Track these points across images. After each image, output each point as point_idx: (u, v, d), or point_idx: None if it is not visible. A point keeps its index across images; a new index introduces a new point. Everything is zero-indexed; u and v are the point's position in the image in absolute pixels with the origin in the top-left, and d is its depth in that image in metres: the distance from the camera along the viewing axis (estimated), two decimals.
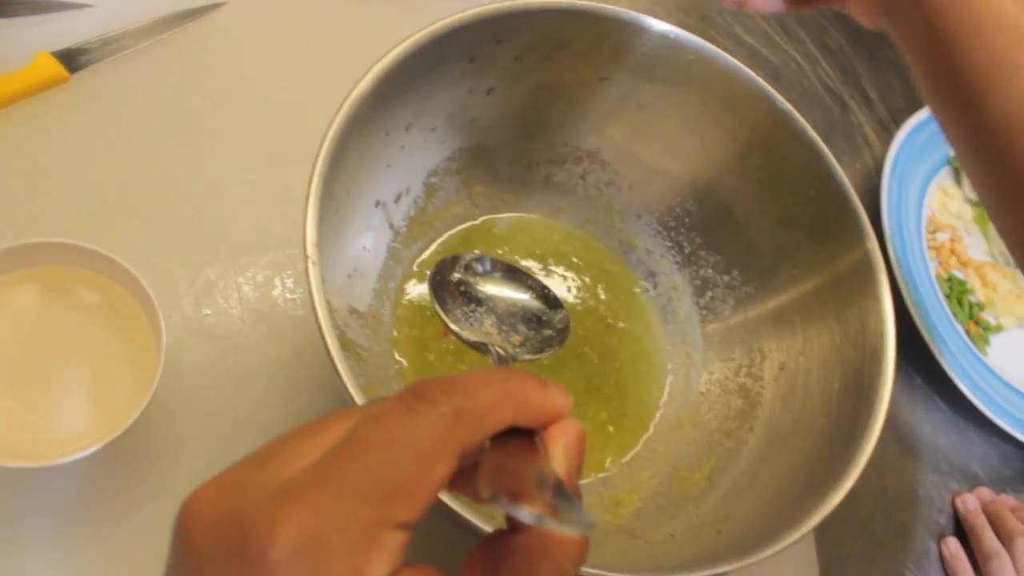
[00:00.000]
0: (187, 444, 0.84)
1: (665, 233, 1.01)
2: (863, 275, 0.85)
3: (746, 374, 0.94)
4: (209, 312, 0.90)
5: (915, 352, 1.21)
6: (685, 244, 1.00)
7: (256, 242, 0.94)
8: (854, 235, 0.86)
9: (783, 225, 0.93)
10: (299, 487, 0.38)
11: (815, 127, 0.89)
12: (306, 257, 0.67)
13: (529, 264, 0.98)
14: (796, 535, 0.70)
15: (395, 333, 0.89)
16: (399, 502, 0.39)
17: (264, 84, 1.05)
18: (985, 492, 1.16)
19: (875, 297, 0.84)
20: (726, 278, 0.98)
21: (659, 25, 0.87)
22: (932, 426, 1.21)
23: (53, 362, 0.78)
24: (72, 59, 0.97)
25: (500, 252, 0.97)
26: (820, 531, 0.97)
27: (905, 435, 1.19)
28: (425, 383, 0.42)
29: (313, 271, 0.66)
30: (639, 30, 0.87)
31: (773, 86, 0.90)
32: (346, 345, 0.77)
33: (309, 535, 0.37)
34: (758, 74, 0.89)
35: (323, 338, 0.64)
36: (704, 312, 0.99)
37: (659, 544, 0.80)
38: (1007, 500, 1.15)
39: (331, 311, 0.71)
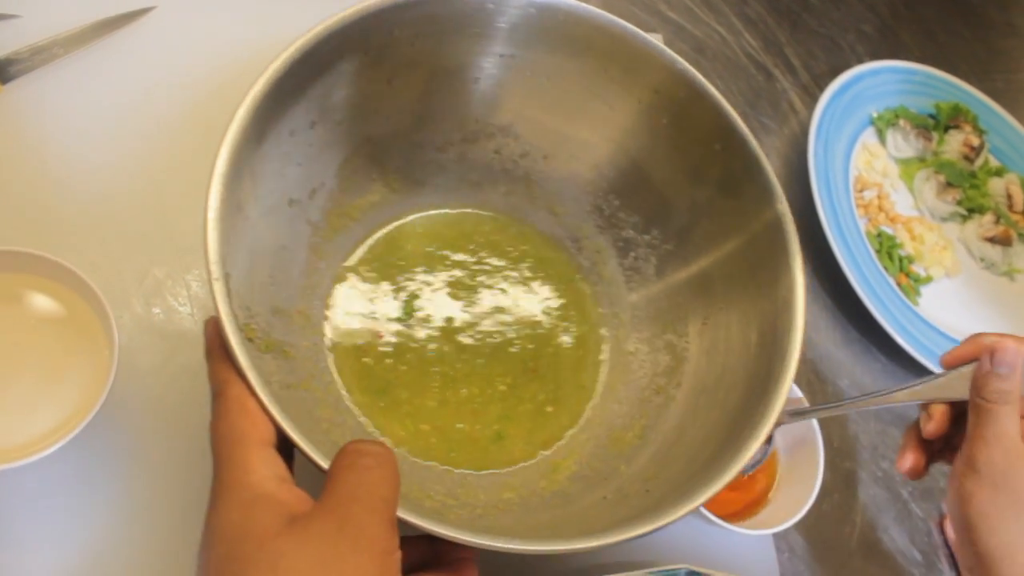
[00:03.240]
0: (146, 439, 0.86)
1: (584, 198, 1.02)
2: (776, 237, 0.87)
3: (672, 330, 0.96)
4: (159, 311, 0.93)
5: (851, 307, 1.25)
6: (604, 207, 1.02)
7: (200, 240, 0.94)
8: (764, 192, 0.88)
9: (694, 181, 0.95)
10: None
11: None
12: (208, 274, 0.67)
13: (462, 258, 0.99)
14: (713, 490, 0.74)
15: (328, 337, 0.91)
16: None
17: (197, 84, 1.05)
18: None
19: (784, 248, 0.86)
20: (646, 237, 1.00)
21: None
22: (872, 377, 1.25)
23: (6, 367, 0.80)
24: (2, 70, 0.98)
25: (430, 249, 0.99)
26: None
27: (845, 388, 1.23)
28: None
29: (218, 287, 0.67)
30: (529, 3, 0.88)
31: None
32: (271, 346, 0.79)
33: None
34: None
35: (232, 354, 0.65)
36: (629, 272, 1.02)
37: (592, 507, 0.83)
38: None
39: (250, 314, 0.73)
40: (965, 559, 0.82)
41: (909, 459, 0.88)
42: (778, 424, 0.93)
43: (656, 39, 1.32)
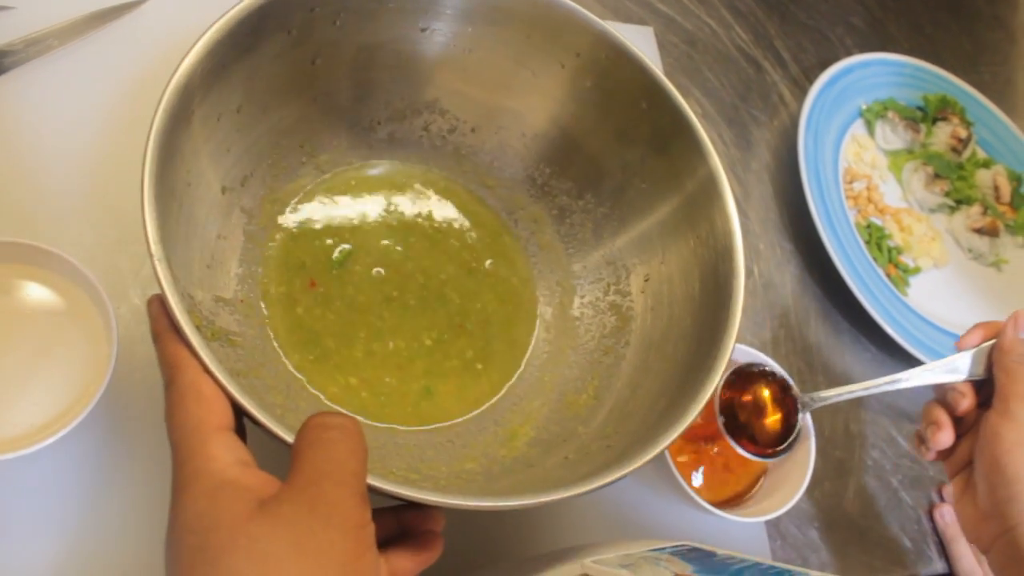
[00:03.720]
0: (145, 428, 0.86)
1: (516, 169, 1.03)
2: (710, 190, 0.88)
3: (615, 291, 0.97)
4: None
5: (841, 298, 1.27)
6: (536, 176, 1.02)
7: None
8: (694, 147, 0.90)
9: (624, 142, 0.95)
10: None
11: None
12: (151, 255, 0.66)
13: (396, 200, 1.00)
14: (673, 435, 0.74)
15: (264, 307, 0.90)
16: None
17: None
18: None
19: (719, 196, 0.87)
20: (581, 203, 1.00)
21: None
22: (861, 366, 1.28)
23: (5, 358, 0.79)
24: None
25: (366, 195, 0.99)
26: None
27: (836, 377, 1.25)
28: None
29: (161, 268, 0.65)
30: None
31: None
32: (217, 334, 0.78)
33: None
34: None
35: (181, 331, 0.64)
36: (567, 239, 1.02)
37: (555, 468, 0.83)
38: None
39: (193, 303, 0.72)
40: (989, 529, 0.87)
41: (949, 434, 0.93)
42: (805, 408, 0.97)
43: (647, 32, 1.34)
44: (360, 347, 0.90)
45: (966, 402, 0.92)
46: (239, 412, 0.64)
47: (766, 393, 1.00)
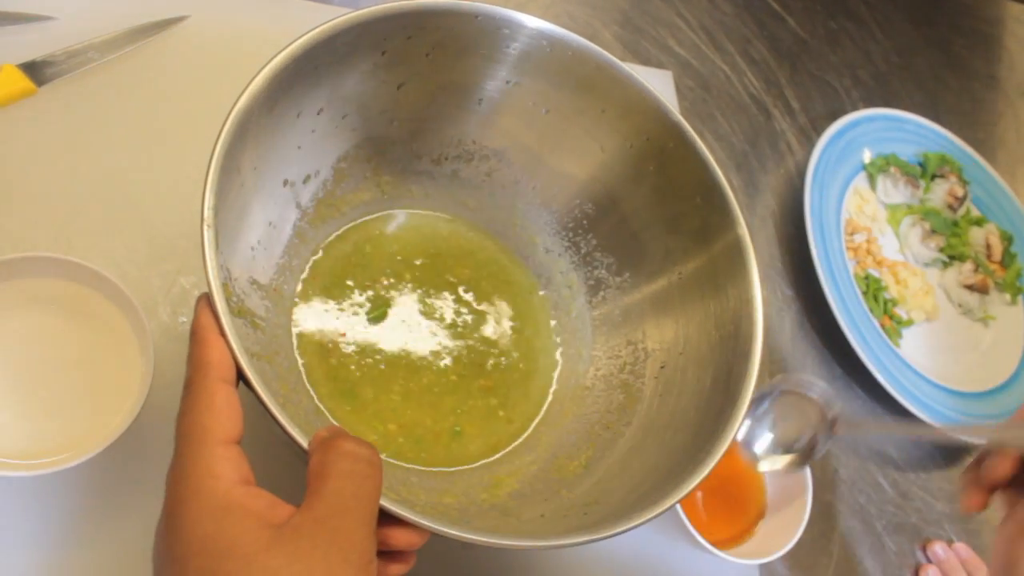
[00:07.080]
0: (172, 449, 0.86)
1: (563, 233, 1.05)
2: (742, 292, 0.89)
3: (629, 371, 0.98)
4: (185, 320, 0.92)
5: (836, 345, 1.31)
6: (582, 244, 1.04)
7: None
8: (735, 249, 0.91)
9: (672, 231, 0.97)
10: None
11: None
12: (202, 220, 0.69)
13: (422, 263, 1.02)
14: (651, 515, 0.75)
15: (299, 356, 0.92)
16: None
17: (228, 92, 1.05)
18: (938, 548, 1.24)
19: (749, 300, 0.88)
20: (617, 279, 1.02)
21: (562, 33, 0.91)
22: (852, 413, 1.30)
23: (39, 373, 0.80)
24: (38, 71, 0.99)
25: (393, 249, 1.01)
26: None
27: None
28: None
29: (208, 234, 0.69)
30: (541, 34, 0.91)
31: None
32: (243, 312, 0.80)
33: None
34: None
35: (210, 296, 0.66)
36: (596, 309, 1.04)
37: (529, 522, 0.84)
38: (960, 550, 1.24)
39: (229, 276, 0.75)
40: None
41: (979, 501, 0.92)
42: (837, 434, 0.97)
43: (666, 76, 1.37)
44: (397, 389, 0.93)
45: (1000, 471, 0.89)
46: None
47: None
